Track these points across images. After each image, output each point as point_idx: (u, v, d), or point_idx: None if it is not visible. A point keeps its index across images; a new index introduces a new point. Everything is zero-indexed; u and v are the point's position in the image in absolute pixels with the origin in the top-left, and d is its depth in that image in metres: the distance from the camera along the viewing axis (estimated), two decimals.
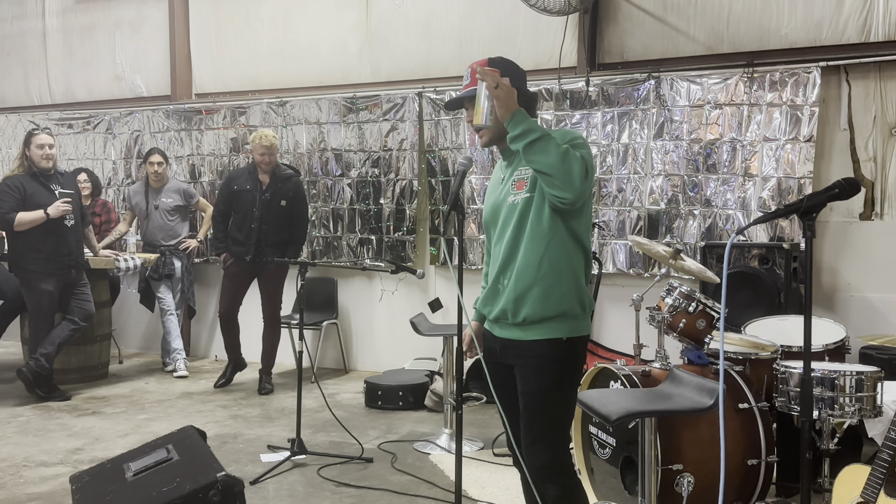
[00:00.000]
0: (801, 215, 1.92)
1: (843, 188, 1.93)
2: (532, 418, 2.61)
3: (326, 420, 5.15)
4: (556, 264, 2.55)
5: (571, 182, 2.40)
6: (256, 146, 5.85)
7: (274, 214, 5.88)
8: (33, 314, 5.76)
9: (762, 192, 5.49)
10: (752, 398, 3.41)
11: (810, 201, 1.91)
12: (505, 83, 2.46)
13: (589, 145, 2.59)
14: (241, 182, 5.93)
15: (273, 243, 5.90)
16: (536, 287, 2.55)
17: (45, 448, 4.64)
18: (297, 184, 6.04)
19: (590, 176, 2.48)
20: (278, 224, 5.91)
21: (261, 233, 5.87)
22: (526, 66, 6.29)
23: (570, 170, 2.39)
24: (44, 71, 8.20)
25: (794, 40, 5.51)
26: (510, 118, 2.46)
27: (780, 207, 2.04)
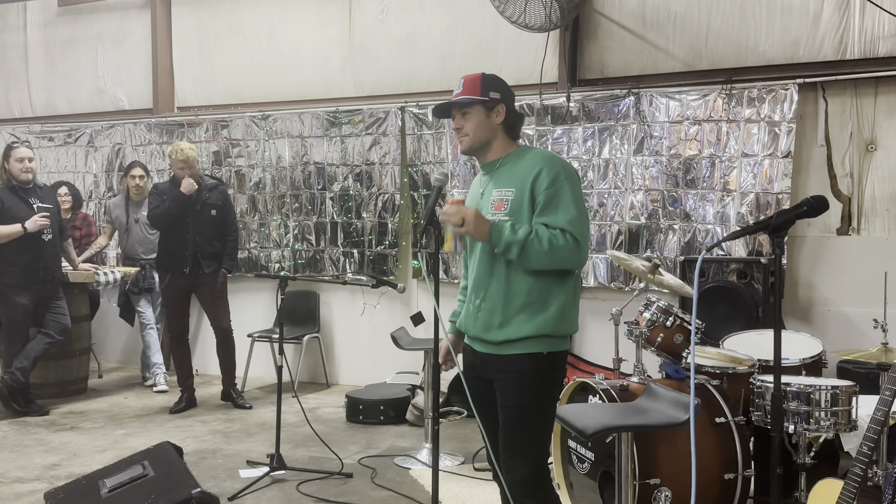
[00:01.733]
0: (770, 232, 1.95)
1: (811, 206, 1.96)
2: (511, 432, 2.62)
3: (307, 435, 5.13)
4: (535, 287, 2.58)
5: (566, 265, 2.54)
6: (174, 161, 5.74)
7: (206, 225, 5.83)
8: (7, 328, 5.72)
9: (741, 206, 5.54)
10: (729, 412, 3.43)
11: (779, 219, 1.93)
12: (468, 216, 2.50)
13: (571, 169, 2.63)
14: (162, 197, 5.80)
15: (209, 254, 5.85)
16: (516, 311, 2.57)
17: (21, 464, 4.60)
18: (223, 192, 6.00)
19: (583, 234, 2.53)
20: (211, 234, 5.86)
21: (196, 244, 5.80)
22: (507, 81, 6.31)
23: (560, 257, 2.50)
24: (25, 83, 8.17)
25: (771, 57, 5.58)
26: (488, 239, 2.53)
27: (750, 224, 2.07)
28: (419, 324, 5.38)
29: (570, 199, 2.53)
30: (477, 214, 2.52)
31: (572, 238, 2.50)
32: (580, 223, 2.53)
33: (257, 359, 6.73)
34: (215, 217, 5.87)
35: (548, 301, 2.58)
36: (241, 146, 7.08)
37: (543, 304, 2.58)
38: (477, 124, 2.68)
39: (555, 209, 2.52)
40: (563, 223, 2.50)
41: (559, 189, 2.53)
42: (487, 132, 2.69)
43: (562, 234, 2.50)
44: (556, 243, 2.48)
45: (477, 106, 2.67)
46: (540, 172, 2.56)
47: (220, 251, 5.92)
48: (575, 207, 2.53)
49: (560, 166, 2.58)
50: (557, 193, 2.53)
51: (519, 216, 2.57)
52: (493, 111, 2.69)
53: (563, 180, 2.54)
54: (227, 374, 6.08)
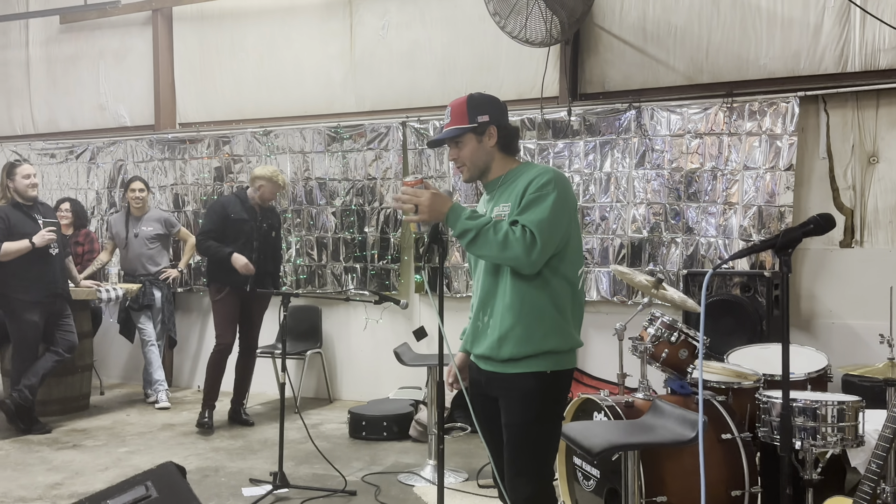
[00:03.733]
0: (777, 251, 1.94)
1: (818, 224, 1.96)
2: (516, 451, 2.61)
3: (310, 452, 5.10)
4: (538, 303, 2.56)
5: (518, 261, 2.48)
6: (272, 185, 5.77)
7: (269, 245, 5.92)
8: (17, 345, 5.71)
9: (743, 220, 5.53)
10: (735, 428, 3.42)
11: (786, 237, 1.93)
12: (422, 201, 2.47)
13: (565, 184, 2.60)
14: (237, 211, 5.79)
15: (268, 273, 5.92)
16: (518, 327, 2.56)
17: (24, 483, 4.58)
18: (278, 215, 6.14)
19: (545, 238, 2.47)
20: (270, 255, 5.95)
21: (259, 263, 5.83)
22: (508, 95, 6.38)
23: (512, 254, 2.46)
24: (27, 100, 8.19)
25: (772, 70, 5.59)
26: (445, 221, 2.51)
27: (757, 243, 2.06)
28: (421, 338, 5.37)
29: (548, 205, 2.50)
30: (433, 196, 2.49)
31: (530, 235, 2.46)
32: (548, 227, 2.49)
33: (260, 374, 6.69)
34: (274, 239, 5.99)
35: (545, 316, 2.56)
36: (242, 162, 7.09)
37: (541, 319, 2.56)
38: (471, 152, 2.67)
39: (531, 209, 2.51)
40: (528, 221, 2.48)
41: (543, 195, 2.51)
42: (483, 157, 2.68)
43: (521, 230, 2.47)
44: (511, 237, 2.45)
45: (467, 134, 2.66)
46: (531, 180, 2.55)
47: (274, 271, 6.01)
48: (550, 212, 2.50)
49: (553, 176, 2.56)
50: (541, 198, 2.51)
51: None
52: (485, 135, 2.66)
53: (551, 189, 2.53)
54: (238, 392, 6.06)
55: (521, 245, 2.45)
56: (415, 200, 2.50)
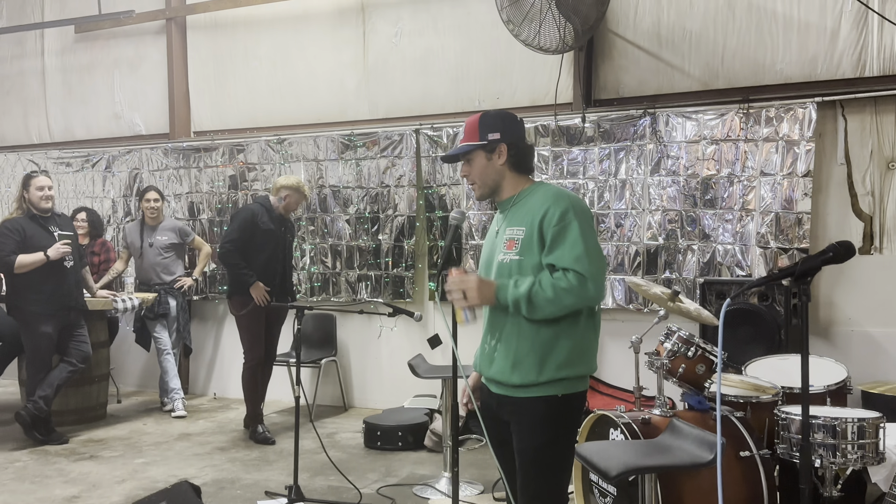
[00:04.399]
0: (795, 279, 1.91)
1: (837, 252, 1.93)
2: (528, 477, 2.59)
3: (325, 462, 5.08)
4: (554, 331, 2.53)
5: (576, 305, 2.50)
6: (297, 194, 5.78)
7: (289, 255, 5.98)
8: (31, 356, 5.74)
9: (761, 227, 5.48)
10: (754, 445, 3.38)
11: (804, 265, 1.90)
12: (470, 286, 2.51)
13: (581, 206, 2.58)
14: (265, 221, 5.73)
15: (291, 284, 6.03)
16: (532, 355, 2.54)
17: (42, 496, 4.60)
18: (293, 225, 6.17)
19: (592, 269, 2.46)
20: (290, 264, 6.03)
21: (283, 276, 5.86)
22: (522, 102, 6.35)
23: (570, 303, 2.47)
24: (43, 109, 8.24)
25: (789, 75, 5.53)
26: (497, 304, 2.53)
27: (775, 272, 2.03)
28: (436, 346, 5.34)
29: (578, 235, 2.48)
30: (479, 282, 2.52)
31: (577, 277, 2.44)
32: (588, 259, 2.47)
33: (275, 382, 6.70)
34: (291, 248, 6.05)
35: (557, 343, 2.54)
36: (256, 170, 7.10)
37: (553, 346, 2.53)
38: (481, 170, 2.66)
39: (561, 246, 2.48)
40: (568, 261, 2.46)
41: (567, 225, 2.49)
42: (493, 175, 2.67)
43: (564, 276, 2.45)
44: (560, 287, 2.44)
45: (477, 151, 2.65)
46: (548, 210, 2.52)
47: (290, 280, 6.05)
48: (583, 243, 2.48)
49: (568, 202, 2.54)
50: (565, 230, 2.49)
51: (529, 254, 2.53)
52: (495, 153, 2.65)
53: (572, 217, 2.50)
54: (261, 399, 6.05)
55: (574, 292, 2.44)
56: (462, 286, 2.53)
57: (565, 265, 2.46)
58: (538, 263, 2.52)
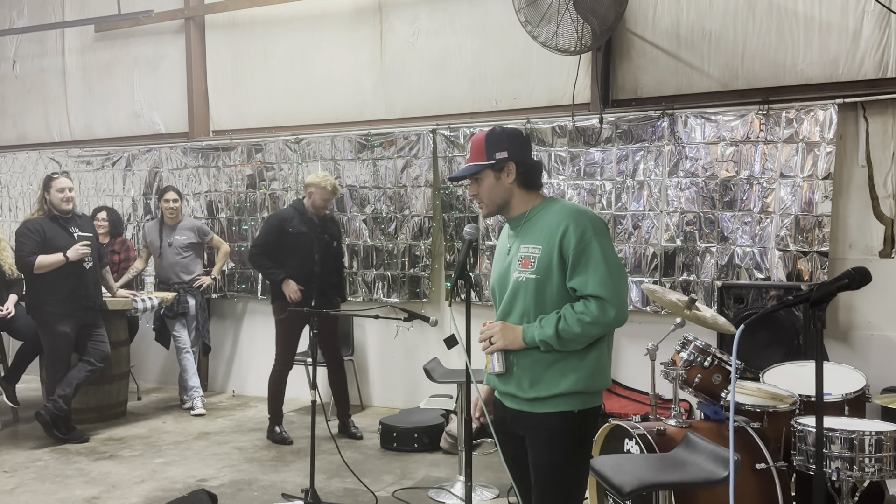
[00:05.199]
0: (811, 305, 1.89)
1: (853, 278, 1.91)
2: (543, 493, 2.59)
3: (341, 463, 5.11)
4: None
5: (604, 332, 2.55)
6: (321, 190, 5.69)
7: (330, 256, 5.88)
8: (50, 356, 5.81)
9: (780, 229, 5.43)
10: (770, 457, 3.36)
11: (819, 292, 1.88)
12: (496, 332, 2.59)
13: (598, 222, 2.58)
14: (295, 225, 5.70)
15: (332, 285, 5.91)
16: (549, 369, 2.54)
17: (62, 497, 4.66)
18: (337, 223, 6.10)
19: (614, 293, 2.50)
20: (333, 266, 5.91)
21: (322, 276, 5.81)
22: (539, 102, 6.32)
23: (597, 332, 2.52)
24: (63, 108, 8.31)
25: (810, 76, 5.47)
26: (526, 346, 2.56)
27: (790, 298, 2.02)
28: (452, 346, 5.35)
29: (600, 257, 2.49)
30: (503, 327, 2.58)
31: (599, 305, 2.47)
32: (611, 281, 2.48)
33: (292, 381, 6.74)
34: (335, 248, 5.93)
35: (581, 357, 2.55)
36: (274, 169, 7.12)
37: (576, 361, 2.55)
38: (489, 189, 2.66)
39: (584, 270, 2.49)
40: (592, 288, 2.47)
41: (587, 246, 2.49)
42: (502, 194, 2.66)
43: (586, 308, 2.47)
44: (585, 322, 2.47)
45: (485, 171, 2.64)
46: (567, 230, 2.52)
47: (337, 282, 5.97)
48: (605, 265, 2.49)
49: (587, 221, 2.53)
50: (585, 251, 2.49)
51: (547, 275, 2.53)
52: (503, 172, 2.64)
53: (591, 236, 2.50)
54: (341, 406, 6.04)
55: (599, 322, 2.48)
56: (489, 334, 2.62)
57: (588, 292, 2.49)
58: (558, 285, 2.53)
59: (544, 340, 2.50)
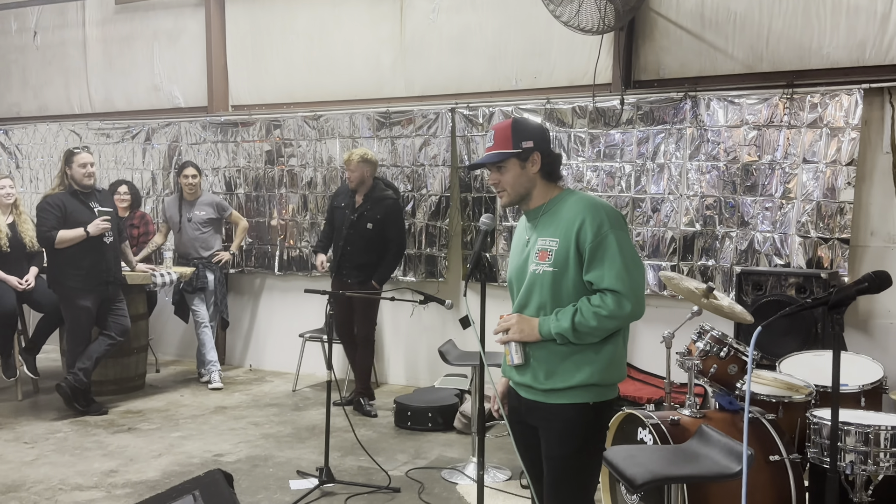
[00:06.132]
0: (829, 308, 1.87)
1: (872, 282, 1.88)
2: (556, 483, 2.60)
3: (356, 442, 5.16)
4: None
5: (620, 326, 2.54)
6: (349, 165, 5.85)
7: (359, 236, 5.86)
8: (71, 330, 5.88)
9: (801, 216, 5.37)
10: (784, 449, 3.35)
11: (838, 295, 1.86)
12: (512, 324, 2.60)
13: (615, 215, 2.57)
14: (339, 199, 6.03)
15: (357, 265, 5.90)
16: (565, 361, 2.55)
17: (81, 469, 4.74)
18: (389, 206, 5.91)
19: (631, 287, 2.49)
20: (363, 247, 5.87)
21: (345, 253, 5.88)
22: (560, 82, 6.26)
23: (613, 325, 2.51)
24: (84, 80, 8.32)
25: (836, 60, 5.37)
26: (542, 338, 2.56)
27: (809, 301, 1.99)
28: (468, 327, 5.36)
29: (616, 250, 2.47)
30: (519, 319, 2.58)
31: (616, 299, 2.46)
32: (628, 275, 2.47)
33: (309, 357, 6.81)
34: (371, 230, 5.85)
35: (597, 350, 2.55)
36: (293, 146, 7.12)
37: (591, 354, 2.54)
38: (514, 178, 2.63)
39: (600, 264, 2.48)
40: (608, 282, 2.46)
41: (603, 240, 2.48)
42: (525, 184, 2.64)
43: (603, 301, 2.47)
44: (602, 315, 2.46)
45: (511, 160, 2.61)
46: (583, 223, 2.50)
47: (374, 263, 5.91)
48: (621, 259, 2.47)
49: (603, 214, 2.52)
50: (602, 245, 2.48)
51: (564, 268, 2.52)
52: (529, 161, 2.62)
53: (608, 230, 2.49)
54: (357, 382, 6.11)
55: (615, 316, 2.48)
56: (505, 326, 2.62)
57: (605, 286, 2.48)
58: (575, 278, 2.52)
59: (560, 333, 2.50)
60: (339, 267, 5.94)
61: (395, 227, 5.95)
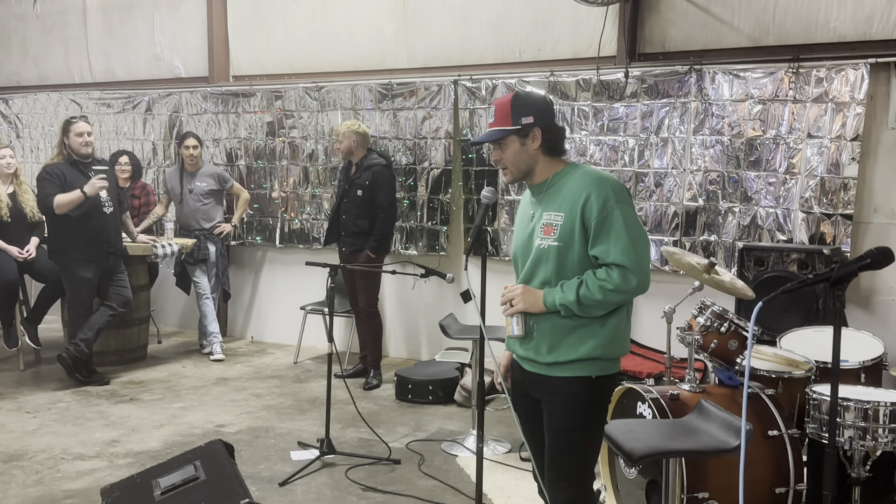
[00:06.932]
0: (831, 285, 1.86)
1: (875, 258, 1.87)
2: (557, 456, 2.61)
3: (356, 414, 5.17)
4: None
5: (625, 300, 2.54)
6: (338, 136, 6.00)
7: (352, 204, 5.93)
8: (72, 300, 5.89)
9: (805, 191, 5.34)
10: (783, 424, 3.36)
11: (840, 271, 1.84)
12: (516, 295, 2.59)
13: (620, 189, 2.55)
14: (340, 174, 6.24)
15: (351, 233, 5.96)
16: (569, 335, 2.54)
17: (83, 439, 4.77)
18: (376, 172, 5.90)
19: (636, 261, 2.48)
20: (356, 213, 5.93)
21: (340, 222, 6.02)
22: (564, 54, 6.20)
23: (617, 299, 2.51)
24: (84, 49, 8.25)
25: (842, 34, 5.31)
26: (547, 310, 2.55)
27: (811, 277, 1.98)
28: (469, 300, 5.36)
29: (622, 225, 2.46)
30: (524, 290, 2.58)
31: (621, 273, 2.45)
32: (634, 250, 2.46)
33: (310, 330, 6.82)
34: (360, 197, 5.88)
35: (602, 323, 2.54)
36: (294, 117, 7.08)
37: (595, 327, 2.54)
38: (514, 155, 2.61)
39: (606, 238, 2.47)
40: (614, 256, 2.45)
41: (609, 214, 2.46)
42: (526, 160, 2.61)
43: (608, 275, 2.46)
44: (607, 289, 2.46)
45: (510, 136, 2.59)
46: (588, 197, 2.48)
47: (367, 231, 5.94)
48: (626, 233, 2.46)
49: (609, 189, 2.50)
50: (608, 220, 2.46)
51: (569, 242, 2.51)
52: (528, 138, 2.59)
53: (614, 204, 2.47)
54: (368, 353, 6.15)
55: (620, 290, 2.47)
56: (510, 297, 2.62)
57: (610, 260, 2.47)
58: (580, 253, 2.51)
59: (565, 305, 2.49)
60: (332, 234, 6.15)
61: (383, 192, 5.93)
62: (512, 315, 2.62)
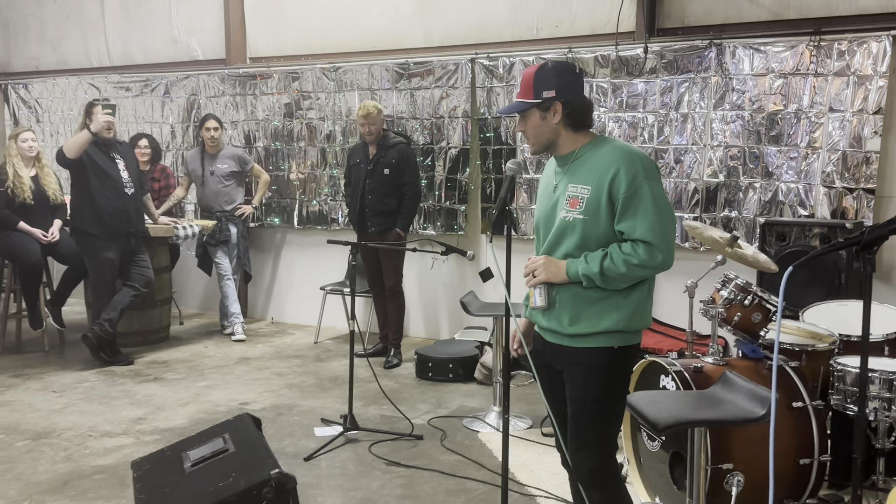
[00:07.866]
0: (861, 249, 1.85)
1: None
2: (579, 426, 2.62)
3: (378, 392, 5.22)
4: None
5: (648, 275, 2.54)
6: (358, 118, 5.90)
7: (378, 183, 5.89)
8: (95, 281, 5.95)
9: (826, 165, 5.30)
10: (807, 396, 3.35)
11: (871, 235, 1.83)
12: (539, 266, 2.60)
13: (649, 164, 2.53)
14: (354, 157, 6.05)
15: (379, 212, 5.92)
16: (591, 307, 2.55)
17: (109, 417, 4.83)
18: (401, 150, 5.92)
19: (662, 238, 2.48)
20: (383, 193, 5.90)
21: (366, 204, 5.92)
22: (582, 30, 6.17)
23: (641, 274, 2.51)
24: (102, 33, 8.28)
25: (864, 6, 5.25)
26: (569, 280, 2.56)
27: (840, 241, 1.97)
28: (487, 279, 5.37)
29: (650, 201, 2.45)
30: (547, 261, 2.58)
31: (647, 249, 2.45)
32: (661, 227, 2.46)
33: (330, 310, 6.86)
34: (388, 176, 5.88)
35: (626, 295, 2.55)
36: (311, 98, 7.09)
37: (619, 299, 2.54)
38: (535, 128, 2.61)
39: (633, 214, 2.46)
40: (641, 232, 2.45)
41: (637, 190, 2.45)
42: (547, 133, 2.61)
43: (634, 250, 2.45)
44: (632, 263, 2.46)
45: (531, 109, 2.59)
46: (618, 172, 2.47)
47: (395, 210, 5.95)
48: (654, 210, 2.45)
49: (639, 164, 2.48)
50: (636, 195, 2.45)
51: (595, 216, 2.51)
52: (549, 111, 2.57)
53: (643, 180, 2.46)
54: (391, 332, 6.16)
55: (645, 265, 2.47)
56: (532, 267, 2.63)
57: (637, 236, 2.46)
58: (605, 227, 2.51)
59: (587, 275, 2.49)
60: (362, 218, 5.96)
61: (409, 169, 5.95)
62: (535, 286, 2.62)
